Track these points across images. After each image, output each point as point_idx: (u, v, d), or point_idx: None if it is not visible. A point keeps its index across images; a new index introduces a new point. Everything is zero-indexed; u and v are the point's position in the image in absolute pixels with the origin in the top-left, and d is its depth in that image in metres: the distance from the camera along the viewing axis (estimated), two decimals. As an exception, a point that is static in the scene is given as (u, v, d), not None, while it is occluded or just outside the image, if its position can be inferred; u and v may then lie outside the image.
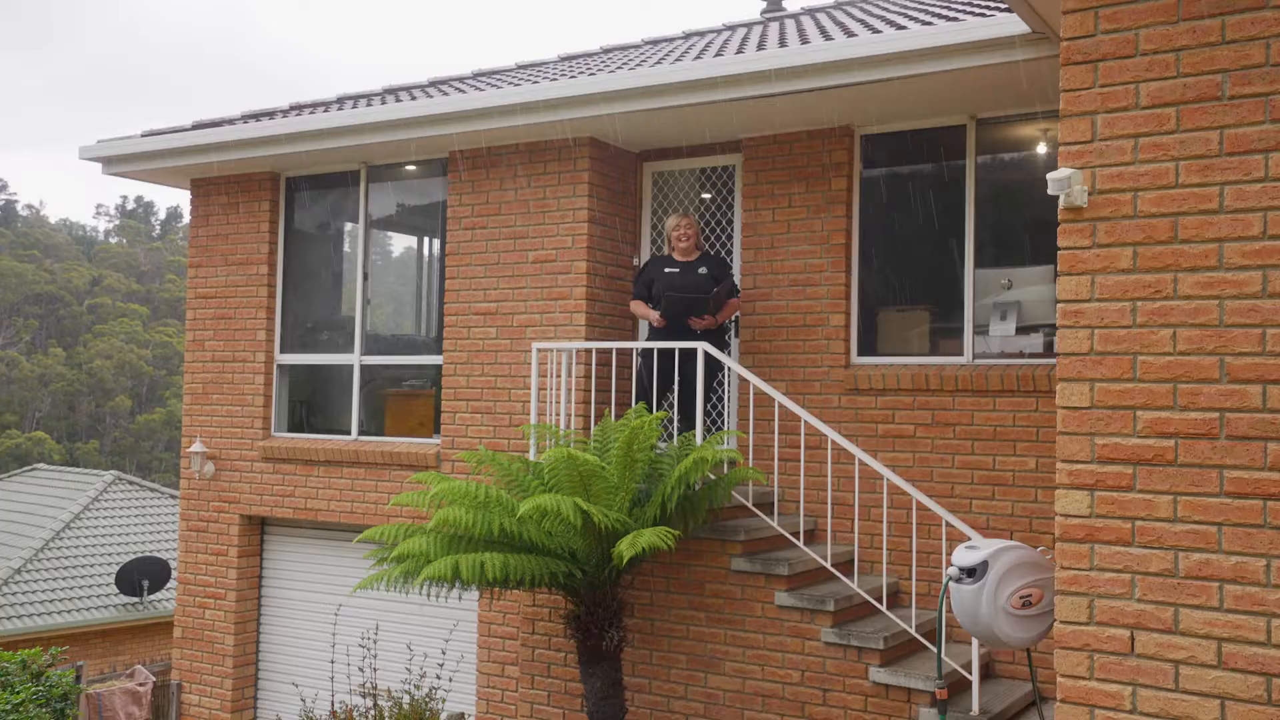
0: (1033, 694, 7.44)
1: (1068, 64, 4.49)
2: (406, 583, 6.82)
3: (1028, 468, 7.56)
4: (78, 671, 12.07)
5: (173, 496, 23.14)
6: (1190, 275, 4.23)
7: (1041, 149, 7.84)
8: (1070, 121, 4.49)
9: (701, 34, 10.62)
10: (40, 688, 6.92)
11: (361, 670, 8.01)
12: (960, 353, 7.98)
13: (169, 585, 19.64)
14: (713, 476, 7.37)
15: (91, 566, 19.83)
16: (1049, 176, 4.39)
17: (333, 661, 8.71)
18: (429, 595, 6.99)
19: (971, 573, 4.69)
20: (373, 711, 7.29)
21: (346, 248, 10.31)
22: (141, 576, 19.22)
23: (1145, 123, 4.34)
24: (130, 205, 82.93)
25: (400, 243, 10.37)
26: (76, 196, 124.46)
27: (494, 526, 6.62)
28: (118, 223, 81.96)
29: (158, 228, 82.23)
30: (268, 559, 10.45)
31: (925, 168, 8.22)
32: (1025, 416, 7.57)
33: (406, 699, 7.39)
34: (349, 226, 10.24)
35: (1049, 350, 7.75)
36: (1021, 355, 7.81)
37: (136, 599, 19.27)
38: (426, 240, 10.05)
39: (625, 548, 6.33)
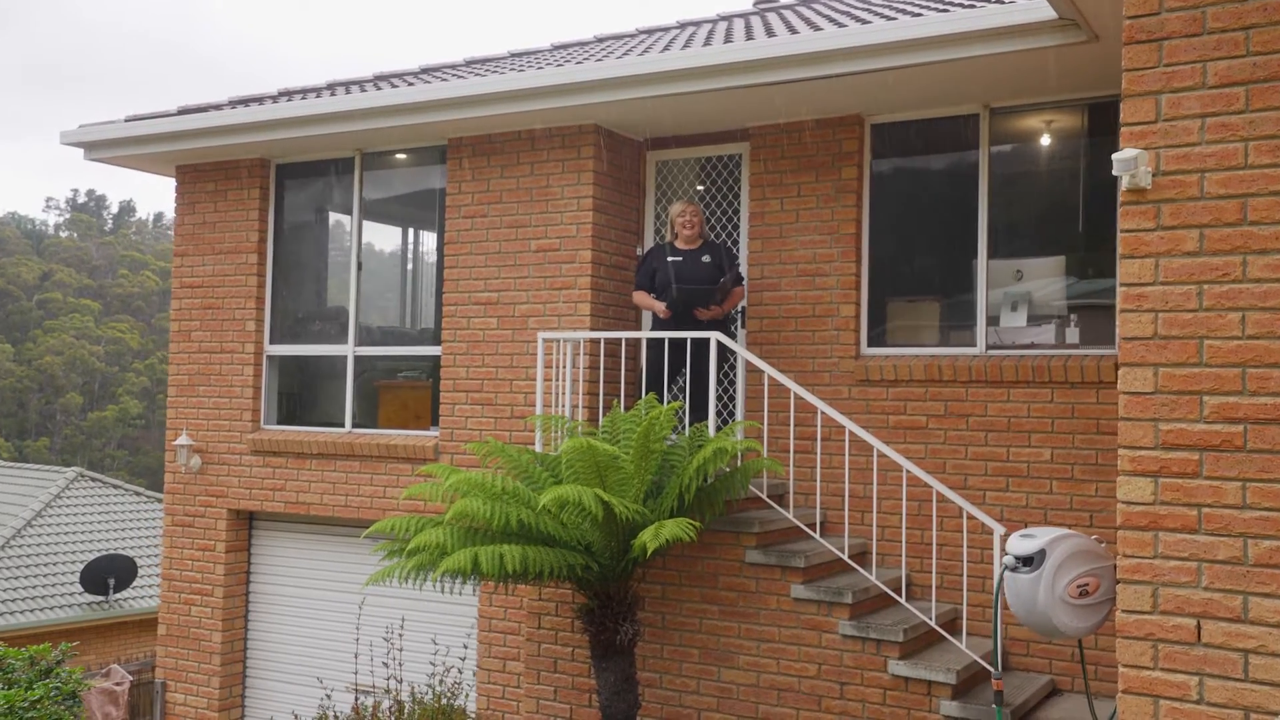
0: (1050, 686, 7.41)
1: (1130, 43, 4.42)
2: (420, 576, 6.66)
3: (1042, 459, 7.51)
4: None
5: (137, 494, 22.70)
6: (1260, 258, 4.16)
7: (1055, 139, 7.79)
8: (1133, 101, 4.41)
9: (696, 24, 10.48)
10: (55, 683, 6.72)
11: (387, 665, 7.82)
12: (973, 343, 7.92)
13: (136, 584, 19.26)
14: (726, 468, 7.26)
15: (55, 565, 19.39)
16: (1114, 157, 4.30)
17: (356, 656, 8.51)
18: (442, 590, 6.82)
19: (1028, 561, 4.61)
20: (393, 708, 7.11)
21: (340, 236, 10.09)
22: (108, 575, 18.83)
23: (1213, 102, 4.26)
24: (81, 199, 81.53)
25: (396, 231, 10.15)
26: (25, 190, 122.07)
27: (511, 518, 6.47)
28: (68, 216, 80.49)
29: (110, 222, 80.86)
30: (256, 554, 10.22)
31: (937, 157, 8.15)
32: (1040, 408, 7.52)
33: (429, 695, 7.22)
34: (342, 215, 10.02)
35: (1060, 341, 7.71)
36: (1033, 346, 7.76)
37: (103, 597, 18.88)
38: (423, 229, 9.84)
39: (649, 539, 6.20)
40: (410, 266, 10.07)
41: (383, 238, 10.13)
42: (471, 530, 6.72)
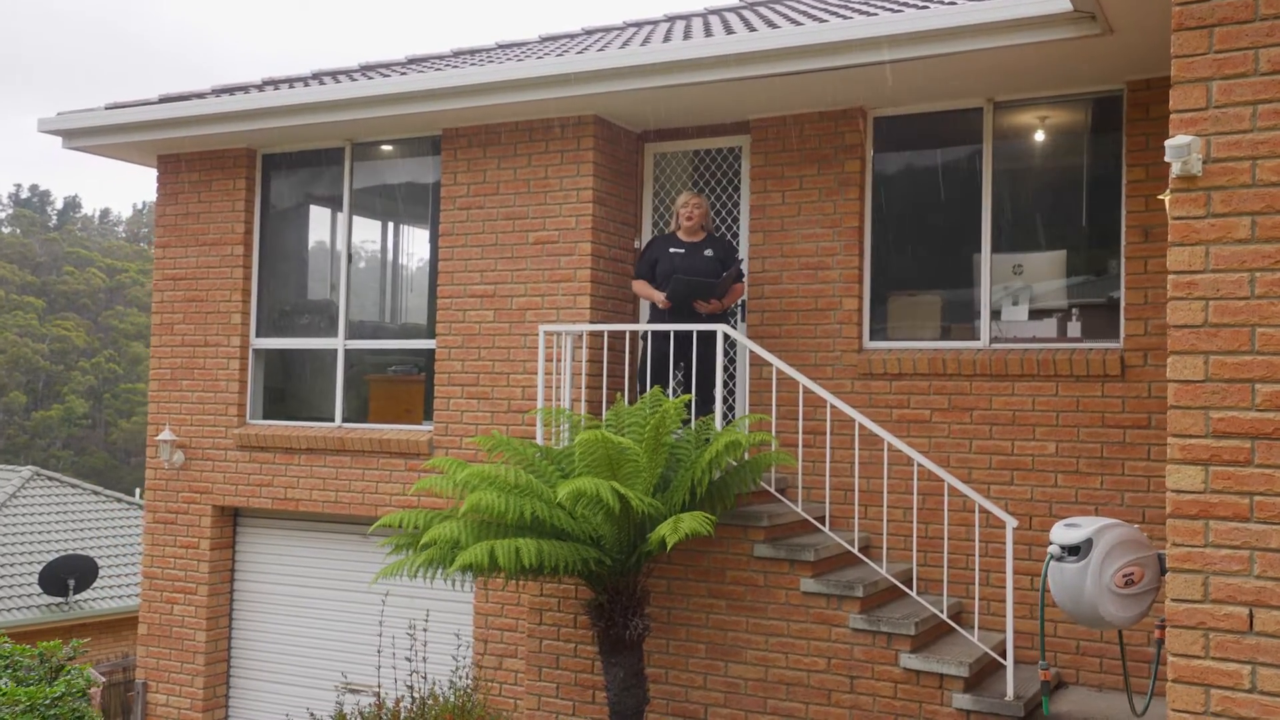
0: (1056, 679, 7.41)
1: (1180, 29, 4.41)
2: (431, 570, 6.54)
3: (1047, 452, 7.52)
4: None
5: (95, 493, 22.27)
6: (1314, 245, 4.16)
7: (1059, 134, 7.80)
8: (1183, 88, 4.39)
9: (686, 17, 10.41)
10: (73, 679, 6.55)
11: (411, 660, 7.62)
12: (976, 337, 7.92)
13: (96, 584, 18.87)
14: (734, 462, 7.20)
15: (12, 565, 18.95)
16: (1167, 144, 4.28)
17: (379, 651, 8.34)
18: (452, 585, 6.71)
19: (1075, 551, 4.58)
20: (415, 705, 6.99)
21: (329, 228, 9.92)
22: (68, 575, 18.42)
23: (1265, 89, 4.26)
24: (24, 194, 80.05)
25: (387, 223, 9.98)
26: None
27: (526, 512, 6.37)
28: (10, 212, 78.90)
29: (54, 218, 79.40)
30: (240, 552, 10.02)
31: (940, 151, 8.15)
32: (1045, 401, 7.53)
33: (450, 693, 7.10)
34: (332, 206, 9.85)
35: (1062, 335, 7.73)
36: (1035, 340, 7.78)
37: (62, 599, 18.47)
38: (416, 220, 9.69)
39: (668, 533, 6.12)
40: (402, 259, 9.93)
41: (374, 229, 9.97)
42: (484, 524, 6.61)
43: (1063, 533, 4.67)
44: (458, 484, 6.66)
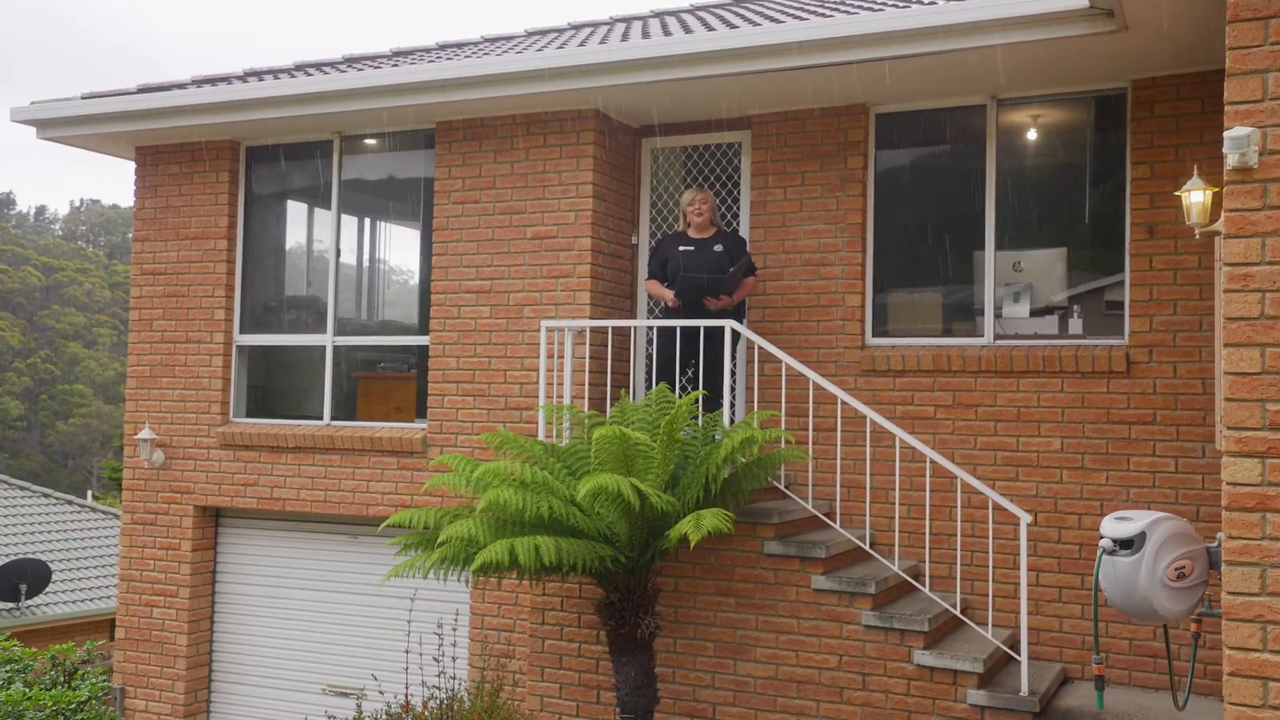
0: (1062, 674, 7.43)
1: (1235, 20, 4.40)
2: (444, 569, 6.41)
3: (1052, 448, 7.53)
4: None
5: (45, 495, 21.73)
6: (1373, 237, 4.17)
7: (1063, 131, 7.83)
8: (1238, 80, 4.38)
9: (674, 13, 10.34)
10: (99, 682, 6.34)
11: (439, 660, 7.46)
12: (979, 333, 7.92)
13: (50, 589, 18.41)
14: (744, 459, 7.14)
15: (-41, 570, 18.42)
16: (1226, 135, 4.27)
17: (407, 651, 8.15)
18: (467, 582, 6.58)
19: (1128, 544, 4.56)
20: (443, 705, 6.84)
21: (317, 222, 9.72)
22: (19, 580, 17.94)
23: (1323, 82, 4.26)
24: (-44, 191, 78.29)
25: (379, 218, 9.79)
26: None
27: (543, 509, 6.25)
28: (-59, 209, 77.29)
29: (-11, 215, 77.94)
30: (222, 553, 9.78)
31: (943, 148, 8.14)
32: (1049, 397, 7.54)
33: (472, 692, 6.96)
34: (321, 199, 9.64)
35: (1064, 332, 7.75)
36: (1037, 336, 7.79)
37: (14, 604, 17.99)
38: (408, 215, 9.51)
39: (690, 530, 6.04)
40: (393, 254, 9.75)
41: (364, 224, 9.77)
42: (500, 522, 6.49)
43: (1114, 526, 4.64)
44: (471, 482, 6.54)
